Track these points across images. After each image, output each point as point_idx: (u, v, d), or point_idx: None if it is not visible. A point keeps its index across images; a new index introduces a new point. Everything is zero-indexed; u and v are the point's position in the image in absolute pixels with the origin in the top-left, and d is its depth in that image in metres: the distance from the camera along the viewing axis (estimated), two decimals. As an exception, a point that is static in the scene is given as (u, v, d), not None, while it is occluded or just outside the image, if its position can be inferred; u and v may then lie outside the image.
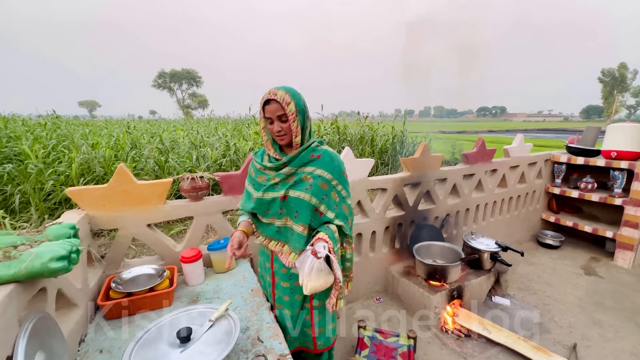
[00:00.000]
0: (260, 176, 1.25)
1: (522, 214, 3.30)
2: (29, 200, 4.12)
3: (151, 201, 1.51)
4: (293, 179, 1.16)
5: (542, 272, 2.85)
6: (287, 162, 1.15)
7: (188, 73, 45.84)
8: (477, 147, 2.72)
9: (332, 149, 1.24)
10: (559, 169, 3.32)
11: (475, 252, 2.26)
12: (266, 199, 1.19)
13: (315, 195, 1.13)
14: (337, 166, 1.18)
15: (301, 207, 1.14)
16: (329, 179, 1.15)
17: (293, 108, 1.08)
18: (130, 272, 1.40)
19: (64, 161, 4.95)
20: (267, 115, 1.11)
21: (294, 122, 1.10)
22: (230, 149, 6.16)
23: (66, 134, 6.66)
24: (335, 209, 1.16)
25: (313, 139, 1.20)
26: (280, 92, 1.07)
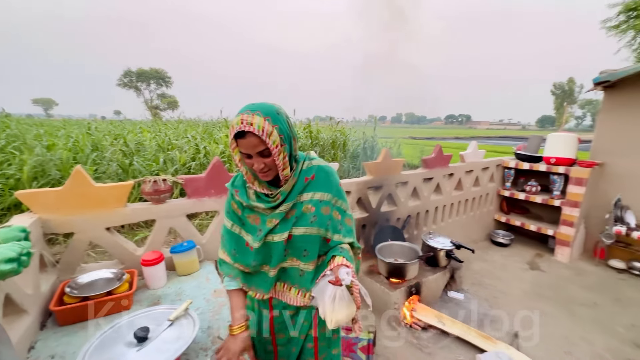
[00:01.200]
0: (251, 215, 1.00)
1: (477, 215, 3.57)
2: (-29, 204, 3.79)
3: (110, 204, 1.49)
4: (293, 213, 0.97)
5: (493, 268, 3.10)
6: (284, 199, 0.95)
7: (157, 72, 44.00)
8: (435, 152, 2.92)
9: (322, 160, 1.04)
10: (508, 173, 3.64)
11: (431, 251, 2.43)
12: (269, 244, 0.98)
13: (321, 224, 0.97)
14: (335, 181, 1.01)
15: (310, 243, 0.97)
16: (329, 199, 0.98)
17: (277, 138, 0.84)
18: (87, 277, 1.37)
19: (14, 163, 4.60)
20: (243, 150, 0.86)
21: (280, 155, 0.87)
22: (200, 152, 6.04)
23: (17, 134, 6.17)
24: (341, 228, 1.00)
25: (301, 157, 1.00)
26: (257, 119, 0.80)
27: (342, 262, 0.90)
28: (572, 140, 3.17)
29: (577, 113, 77.59)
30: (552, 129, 79.94)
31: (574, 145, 3.17)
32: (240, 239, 1.01)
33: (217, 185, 1.78)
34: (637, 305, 2.52)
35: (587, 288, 2.76)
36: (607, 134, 3.26)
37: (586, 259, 3.31)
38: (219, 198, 1.80)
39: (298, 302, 1.02)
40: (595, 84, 3.11)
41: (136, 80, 42.97)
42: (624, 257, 3.10)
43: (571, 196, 3.10)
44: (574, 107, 71.15)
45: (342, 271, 0.88)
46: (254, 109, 0.82)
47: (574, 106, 70.56)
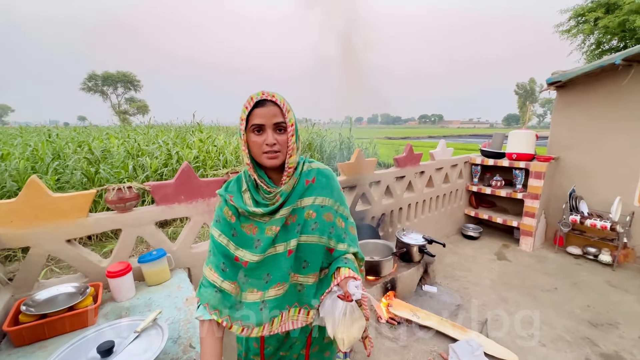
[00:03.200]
0: (246, 225, 0.89)
1: (448, 211, 3.73)
2: None
3: (71, 215, 1.41)
4: (294, 220, 0.89)
5: (464, 261, 3.24)
6: (284, 200, 0.87)
7: (124, 76, 42.06)
8: (406, 152, 3.02)
9: (320, 163, 0.99)
10: (475, 169, 3.83)
11: (405, 247, 2.51)
12: (267, 259, 0.88)
13: (323, 232, 0.90)
14: (336, 186, 0.96)
15: (312, 253, 0.90)
16: (331, 205, 0.92)
17: (293, 117, 0.84)
18: (46, 293, 1.29)
19: (-37, 175, 4.24)
20: (258, 120, 0.80)
21: (293, 137, 0.84)
22: (172, 157, 5.85)
23: (-35, 143, 5.69)
24: (345, 237, 0.94)
25: (301, 160, 0.94)
26: (278, 94, 0.82)
27: (349, 274, 0.84)
28: (531, 137, 3.40)
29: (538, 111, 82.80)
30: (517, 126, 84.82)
31: (533, 141, 3.39)
32: (228, 252, 0.88)
33: (188, 190, 1.74)
34: (591, 287, 2.74)
35: (548, 274, 2.96)
36: (561, 130, 3.52)
37: (547, 247, 3.54)
38: (189, 204, 1.76)
39: (299, 323, 0.94)
40: (549, 84, 3.36)
41: (102, 84, 40.86)
42: (579, 244, 3.35)
43: (532, 189, 3.32)
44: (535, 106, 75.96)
45: (350, 285, 0.81)
46: (277, 95, 0.82)
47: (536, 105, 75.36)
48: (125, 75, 42.19)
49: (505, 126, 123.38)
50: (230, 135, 8.98)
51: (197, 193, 1.78)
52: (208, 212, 1.84)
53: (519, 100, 69.87)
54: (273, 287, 0.89)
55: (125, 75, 42.07)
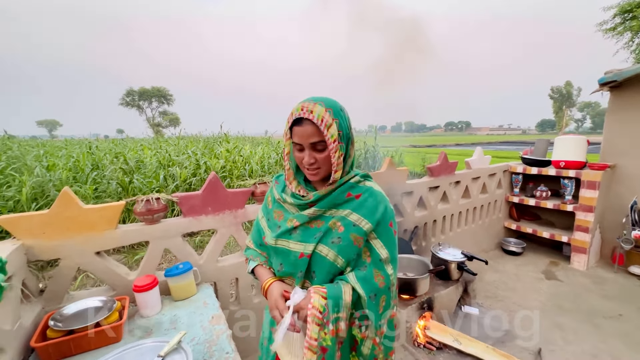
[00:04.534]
0: (277, 210, 0.93)
1: (486, 223, 3.45)
2: (-32, 230, 3.72)
3: (100, 227, 1.40)
4: (319, 225, 0.84)
5: (507, 279, 2.95)
6: (314, 201, 0.84)
7: (158, 91, 44.83)
8: (440, 160, 2.83)
9: (378, 186, 0.90)
10: (516, 179, 3.53)
11: (442, 263, 2.31)
12: (280, 249, 0.87)
13: (344, 253, 0.80)
14: (383, 214, 0.83)
15: (322, 269, 0.82)
16: (367, 230, 0.81)
17: (335, 132, 0.77)
18: (74, 307, 1.27)
19: (14, 185, 4.57)
20: (296, 139, 0.79)
21: (336, 153, 0.78)
22: (200, 167, 6.00)
23: (18, 155, 6.18)
24: (360, 269, 0.81)
25: (354, 172, 0.88)
26: (318, 107, 0.76)
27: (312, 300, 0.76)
28: (581, 143, 3.08)
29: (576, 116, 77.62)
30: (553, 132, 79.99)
31: (584, 147, 3.07)
32: (260, 230, 0.98)
33: (215, 202, 1.69)
34: (665, 315, 2.36)
35: (608, 298, 2.61)
36: (617, 135, 3.16)
37: (604, 266, 3.15)
38: (216, 215, 1.71)
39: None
40: (601, 84, 3.04)
41: (138, 99, 43.76)
42: (644, 263, 2.95)
43: (584, 200, 2.98)
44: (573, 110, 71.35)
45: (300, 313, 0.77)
46: (317, 99, 0.79)
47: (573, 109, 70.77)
48: (159, 90, 44.94)
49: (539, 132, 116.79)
50: (256, 146, 9.12)
51: (224, 204, 1.72)
52: (235, 224, 1.78)
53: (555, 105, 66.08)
54: (285, 278, 0.90)
55: (159, 90, 44.82)
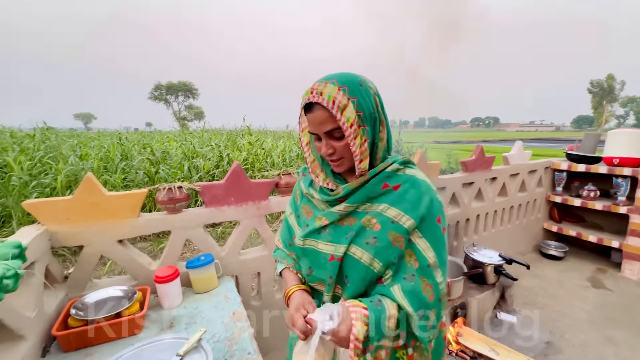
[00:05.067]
0: (305, 206, 0.83)
1: (524, 224, 3.18)
2: (11, 214, 3.94)
3: (123, 214, 1.36)
4: (351, 223, 0.72)
5: (547, 285, 2.71)
6: (344, 196, 0.73)
7: (184, 85, 46.18)
8: (475, 154, 2.62)
9: (421, 172, 0.75)
10: (559, 176, 3.23)
11: (478, 266, 2.13)
12: (308, 250, 0.77)
13: (381, 256, 0.67)
14: (429, 207, 0.68)
15: (356, 274, 0.69)
16: (408, 227, 0.66)
17: (351, 114, 0.63)
18: (95, 295, 1.24)
19: (50, 173, 4.79)
20: (311, 129, 0.69)
21: (356, 139, 0.65)
22: (223, 159, 6.04)
23: (55, 145, 6.50)
24: (407, 279, 0.66)
25: (391, 158, 0.74)
26: (329, 87, 0.63)
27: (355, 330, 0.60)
28: (639, 138, 2.74)
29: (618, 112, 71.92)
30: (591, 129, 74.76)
31: (642, 143, 2.73)
32: (292, 232, 0.87)
33: (237, 192, 1.62)
34: None
35: (669, 312, 2.32)
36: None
37: (661, 276, 2.82)
38: (239, 207, 1.64)
39: None
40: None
41: (166, 93, 45.31)
42: None
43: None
44: (614, 106, 66.12)
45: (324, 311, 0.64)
46: (330, 77, 0.65)
47: (615, 104, 65.57)
48: (186, 84, 46.29)
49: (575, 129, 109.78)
50: (277, 139, 9.11)
51: (247, 195, 1.65)
52: (258, 216, 1.70)
53: (594, 100, 61.61)
54: (315, 283, 0.79)
55: (185, 85, 46.17)
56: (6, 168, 4.65)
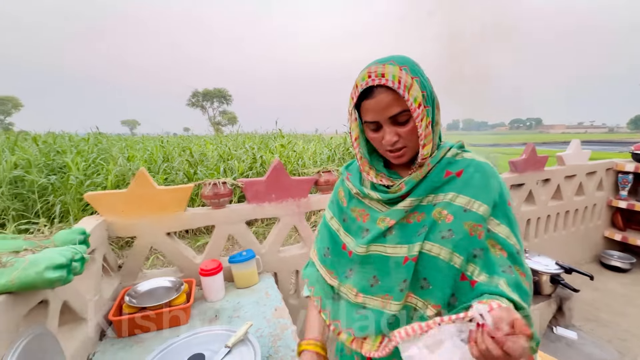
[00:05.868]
0: (358, 209, 0.74)
1: (581, 231, 2.88)
2: (69, 210, 4.32)
3: (171, 208, 1.41)
4: (419, 219, 0.65)
5: (611, 300, 2.42)
6: (408, 191, 0.66)
7: (219, 92, 48.44)
8: (526, 153, 2.42)
9: (484, 158, 0.68)
10: (624, 179, 2.89)
11: (532, 274, 1.95)
12: (374, 256, 0.68)
13: (460, 249, 0.60)
14: (500, 191, 0.63)
15: (436, 272, 0.62)
16: (483, 214, 0.60)
17: (418, 93, 0.58)
18: (147, 284, 1.29)
19: (102, 173, 5.20)
20: (369, 117, 0.62)
21: (423, 121, 0.59)
22: (256, 161, 6.20)
23: (106, 148, 7.07)
24: (506, 272, 0.59)
25: (447, 143, 0.69)
26: (390, 68, 0.57)
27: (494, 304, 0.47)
28: None
29: (686, 110, 63.73)
30: (652, 130, 67.19)
31: None
32: (337, 238, 0.76)
33: (278, 189, 1.62)
34: None
35: None
36: None
37: None
38: (279, 203, 1.64)
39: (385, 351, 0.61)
40: None
41: (202, 100, 47.79)
42: None
43: None
44: (682, 104, 58.73)
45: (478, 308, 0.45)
46: (384, 60, 0.60)
47: (682, 102, 58.25)
48: (220, 91, 48.54)
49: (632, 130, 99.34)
50: (307, 142, 9.18)
51: (287, 192, 1.64)
52: (297, 214, 1.69)
53: (656, 98, 55.23)
54: (378, 296, 0.67)
55: (220, 91, 48.43)
56: (65, 168, 5.12)
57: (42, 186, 4.46)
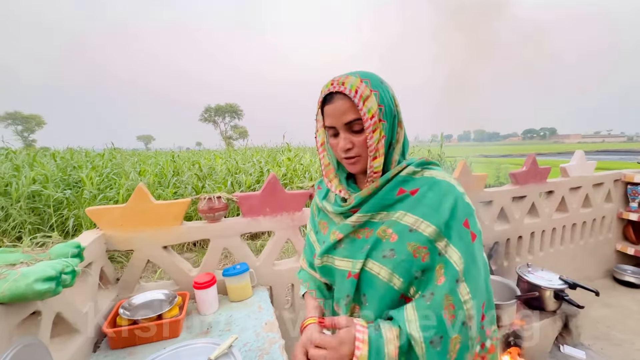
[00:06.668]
0: (322, 221, 0.79)
1: (591, 245, 2.79)
2: (81, 224, 4.46)
3: (168, 222, 1.46)
4: (367, 235, 0.67)
5: (625, 317, 2.31)
6: (356, 205, 0.68)
7: (231, 107, 49.74)
8: (527, 165, 2.39)
9: (448, 175, 0.68)
10: (633, 190, 2.80)
11: (534, 289, 1.89)
12: (326, 267, 0.73)
13: (401, 270, 0.61)
14: (452, 210, 0.61)
15: (373, 291, 0.64)
16: (429, 235, 0.60)
17: (373, 106, 0.61)
18: (142, 297, 1.32)
19: (114, 187, 5.37)
20: (327, 122, 0.66)
21: (375, 132, 0.62)
22: (264, 174, 6.29)
23: (120, 163, 7.32)
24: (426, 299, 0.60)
25: (407, 161, 0.69)
26: (351, 79, 0.61)
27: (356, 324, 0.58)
28: None
29: None
30: (674, 138, 64.76)
31: None
32: (314, 250, 0.82)
33: (273, 203, 1.66)
34: None
35: None
36: None
37: None
38: (274, 217, 1.67)
39: None
40: None
41: (214, 115, 49.11)
42: None
43: None
44: None
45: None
46: (350, 73, 0.64)
47: None
48: (232, 106, 49.85)
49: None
50: (315, 155, 9.27)
51: (282, 206, 1.68)
52: (292, 227, 1.71)
53: (676, 105, 53.50)
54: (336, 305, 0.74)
55: (231, 107, 49.73)
56: (80, 183, 5.32)
57: (58, 200, 4.64)
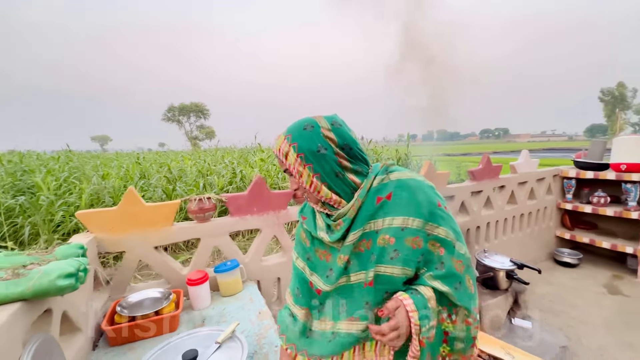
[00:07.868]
0: (320, 250, 0.84)
1: (535, 232, 3.21)
2: (38, 232, 4.16)
3: (159, 223, 1.51)
4: (368, 246, 0.75)
5: (563, 292, 2.71)
6: (347, 227, 0.76)
7: (196, 106, 47.84)
8: (482, 163, 2.72)
9: (409, 171, 0.79)
10: (568, 184, 3.27)
11: (489, 271, 2.18)
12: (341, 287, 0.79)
13: (409, 262, 0.72)
14: (425, 199, 0.73)
15: (392, 285, 0.74)
16: (419, 226, 0.72)
17: (292, 158, 0.73)
18: (137, 296, 1.37)
19: (75, 192, 5.05)
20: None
21: (303, 177, 0.73)
22: (236, 176, 6.24)
23: (78, 166, 6.85)
24: (439, 269, 0.72)
25: (372, 172, 0.77)
26: (279, 139, 0.75)
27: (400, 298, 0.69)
28: (645, 143, 2.79)
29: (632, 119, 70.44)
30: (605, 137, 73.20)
31: (648, 148, 2.78)
32: (304, 277, 0.85)
33: (260, 202, 1.76)
34: None
35: (689, 317, 2.29)
36: (689, 135, 2.82)
37: (680, 282, 2.78)
38: (261, 216, 1.77)
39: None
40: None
41: (178, 114, 46.91)
42: None
43: (652, 207, 2.68)
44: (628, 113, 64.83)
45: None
46: (286, 130, 0.76)
47: (628, 112, 64.31)
48: (197, 105, 47.96)
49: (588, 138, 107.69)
50: (288, 155, 9.33)
51: (268, 205, 1.79)
52: (277, 224, 1.83)
53: (606, 108, 60.69)
54: (347, 319, 0.77)
55: (197, 106, 47.84)
56: (34, 188, 4.94)
57: (9, 208, 4.28)
